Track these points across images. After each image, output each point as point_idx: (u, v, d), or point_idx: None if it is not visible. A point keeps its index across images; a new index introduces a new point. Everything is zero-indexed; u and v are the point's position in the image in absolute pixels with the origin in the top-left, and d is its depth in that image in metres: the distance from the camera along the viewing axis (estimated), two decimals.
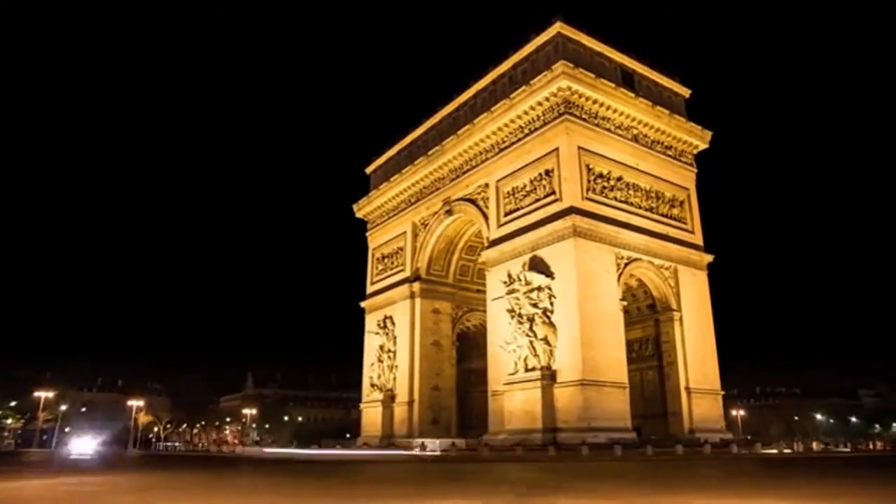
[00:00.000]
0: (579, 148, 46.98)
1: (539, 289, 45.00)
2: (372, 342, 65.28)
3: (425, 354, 59.43)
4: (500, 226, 51.05)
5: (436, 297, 61.88)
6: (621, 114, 50.10)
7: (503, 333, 47.57)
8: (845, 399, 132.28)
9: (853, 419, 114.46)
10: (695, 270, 51.63)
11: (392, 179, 66.13)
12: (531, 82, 48.56)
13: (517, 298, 46.43)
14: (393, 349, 62.04)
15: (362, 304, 69.51)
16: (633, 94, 50.62)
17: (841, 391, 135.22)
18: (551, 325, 43.88)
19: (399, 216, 66.03)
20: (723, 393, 50.32)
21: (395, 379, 61.05)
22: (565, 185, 45.77)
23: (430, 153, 60.16)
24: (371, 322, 66.59)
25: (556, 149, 47.12)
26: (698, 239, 53.21)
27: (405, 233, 64.63)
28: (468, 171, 56.26)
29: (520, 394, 44.13)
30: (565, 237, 44.41)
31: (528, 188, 49.34)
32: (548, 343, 43.65)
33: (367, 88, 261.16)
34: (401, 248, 65.46)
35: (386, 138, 72.55)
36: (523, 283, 46.08)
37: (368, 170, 74.02)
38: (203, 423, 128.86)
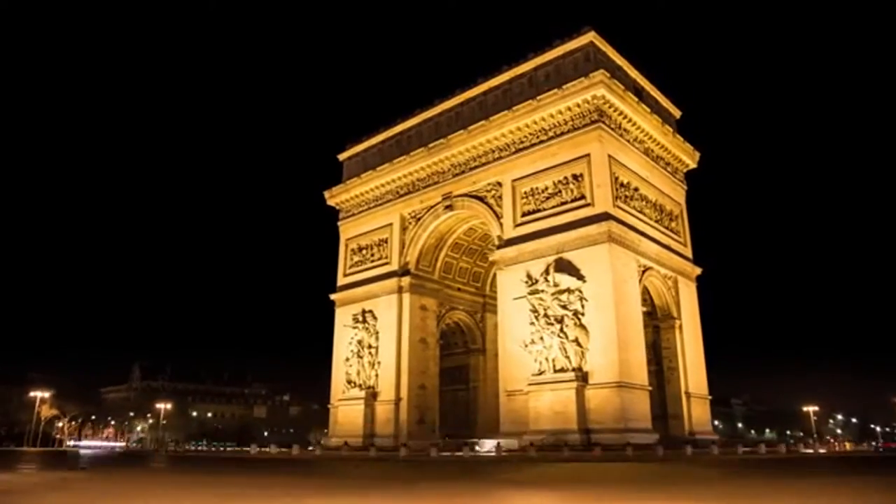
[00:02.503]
0: (608, 156, 48.16)
1: (568, 291, 45.38)
2: (346, 336, 62.14)
3: (413, 352, 57.63)
4: (517, 225, 50.87)
5: (423, 294, 60.37)
6: (638, 128, 52.03)
7: (521, 333, 47.45)
8: (723, 407, 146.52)
9: (739, 425, 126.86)
10: (688, 281, 54.85)
11: (379, 169, 63.56)
12: (564, 87, 48.92)
13: (541, 299, 46.50)
14: (375, 345, 59.51)
15: (332, 297, 66.09)
16: (648, 110, 52.78)
17: (717, 399, 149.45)
18: (582, 327, 44.41)
19: (384, 207, 63.59)
20: (710, 398, 53.82)
21: (377, 376, 58.57)
22: (598, 191, 46.64)
23: (430, 146, 58.56)
24: (345, 315, 63.38)
25: (587, 154, 47.87)
26: (689, 252, 56.56)
27: (391, 225, 62.37)
28: (476, 167, 55.51)
29: (548, 394, 44.15)
30: (599, 242, 45.22)
31: (551, 190, 49.64)
32: (579, 344, 44.12)
33: (338, 75, 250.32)
34: (383, 241, 63.09)
35: (355, 126, 70.09)
36: (550, 284, 46.22)
37: (342, 156, 70.61)
38: (94, 417, 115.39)
